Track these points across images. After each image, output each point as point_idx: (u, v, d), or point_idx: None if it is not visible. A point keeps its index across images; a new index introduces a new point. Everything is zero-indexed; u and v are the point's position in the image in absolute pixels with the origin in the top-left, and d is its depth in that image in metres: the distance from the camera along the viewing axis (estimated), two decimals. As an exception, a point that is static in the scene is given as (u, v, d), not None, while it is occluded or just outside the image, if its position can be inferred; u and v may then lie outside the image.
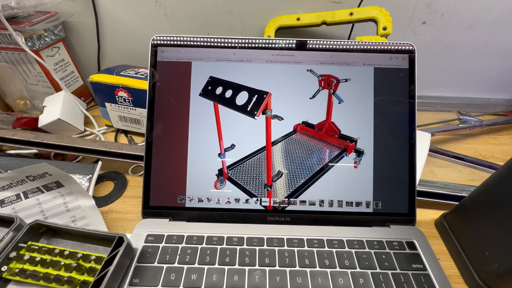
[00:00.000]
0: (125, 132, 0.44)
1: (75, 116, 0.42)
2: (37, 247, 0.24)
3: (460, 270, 0.27)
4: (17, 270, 0.22)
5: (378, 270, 0.26)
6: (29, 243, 0.24)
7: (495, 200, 0.25)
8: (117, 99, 0.38)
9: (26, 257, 0.23)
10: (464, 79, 0.47)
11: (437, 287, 0.25)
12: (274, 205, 0.30)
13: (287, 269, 0.26)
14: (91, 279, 0.22)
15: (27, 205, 0.27)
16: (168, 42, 0.31)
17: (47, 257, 0.23)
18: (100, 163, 0.34)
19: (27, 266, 0.23)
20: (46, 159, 0.36)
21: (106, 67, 0.44)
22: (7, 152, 0.33)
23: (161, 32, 0.43)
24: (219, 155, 0.31)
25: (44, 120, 0.38)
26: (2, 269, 0.23)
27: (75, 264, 0.23)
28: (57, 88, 0.43)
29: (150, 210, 0.30)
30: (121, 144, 0.35)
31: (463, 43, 0.43)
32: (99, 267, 0.23)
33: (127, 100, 0.38)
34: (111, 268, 0.22)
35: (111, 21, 0.43)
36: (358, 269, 0.26)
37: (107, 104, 0.40)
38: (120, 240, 0.24)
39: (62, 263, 0.23)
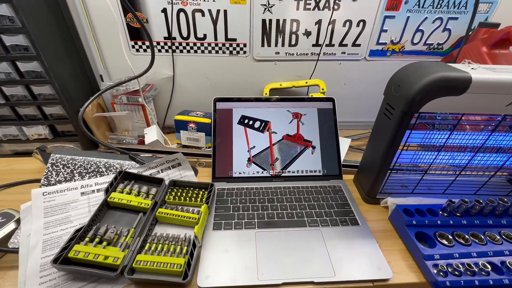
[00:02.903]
0: (187, 147, 0.76)
1: (161, 138, 0.74)
2: (174, 189, 0.55)
3: (360, 194, 0.60)
4: (171, 198, 0.53)
5: (323, 195, 0.59)
6: (170, 187, 0.55)
7: (364, 163, 0.59)
8: (189, 128, 0.72)
9: (173, 192, 0.54)
10: (372, 111, 0.85)
11: (348, 200, 0.58)
12: (275, 173, 0.63)
13: (284, 197, 0.58)
14: (204, 199, 0.53)
15: (162, 175, 0.59)
16: (221, 100, 0.66)
17: (181, 192, 0.54)
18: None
19: (175, 196, 0.54)
20: (153, 157, 0.68)
21: (173, 112, 0.78)
22: (140, 155, 0.65)
23: (207, 92, 0.79)
24: (248, 151, 0.64)
25: (148, 140, 0.71)
26: (166, 199, 0.53)
27: (195, 194, 0.54)
28: (148, 124, 0.77)
29: (216, 178, 0.62)
30: (194, 149, 0.68)
31: (366, 93, 0.82)
32: (205, 195, 0.54)
33: (194, 129, 0.72)
34: (211, 193, 0.54)
35: (180, 87, 0.78)
36: (314, 195, 0.58)
37: (181, 131, 0.73)
38: (212, 185, 0.56)
39: (189, 194, 0.54)
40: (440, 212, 0.51)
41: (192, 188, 0.56)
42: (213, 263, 0.44)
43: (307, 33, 0.72)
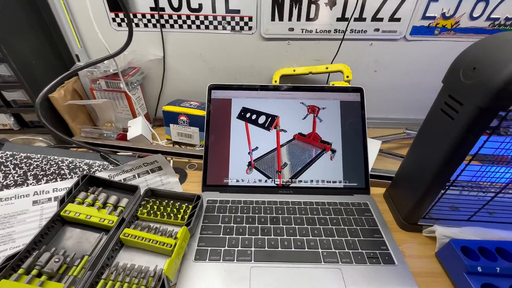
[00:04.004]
0: (179, 144, 0.64)
1: (147, 132, 0.62)
2: (151, 201, 0.43)
3: (394, 216, 0.46)
4: (145, 213, 0.41)
5: (344, 216, 0.44)
6: (145, 199, 0.43)
7: (403, 175, 0.44)
8: (179, 121, 0.59)
9: (149, 205, 0.42)
10: (409, 106, 0.69)
11: (378, 224, 0.43)
12: (282, 183, 0.50)
13: (292, 216, 0.44)
14: (186, 216, 0.41)
15: (139, 182, 0.47)
16: (217, 87, 0.53)
17: (159, 205, 0.42)
18: (172, 160, 0.54)
19: (150, 210, 0.42)
20: (134, 157, 0.56)
21: (165, 101, 0.66)
22: (117, 153, 0.53)
23: (205, 78, 0.66)
24: (248, 153, 0.51)
25: (130, 135, 0.59)
26: (139, 213, 0.41)
27: (176, 208, 0.42)
28: (134, 115, 0.65)
29: (207, 187, 0.49)
30: (183, 148, 0.55)
31: (403, 83, 0.65)
32: (188, 211, 0.41)
33: (185, 122, 0.59)
34: (197, 209, 0.41)
35: (173, 72, 0.65)
36: (333, 215, 0.44)
37: (171, 125, 0.61)
38: (198, 197, 0.43)
39: (169, 208, 0.42)
40: (517, 255, 0.35)
41: (173, 200, 0.44)
42: (188, 314, 0.31)
43: (331, 3, 0.56)
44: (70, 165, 0.47)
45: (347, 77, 0.59)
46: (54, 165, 0.46)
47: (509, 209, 0.42)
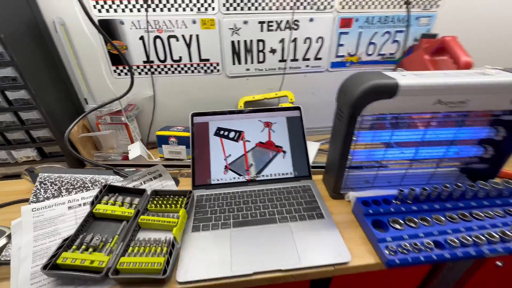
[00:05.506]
0: (170, 160, 0.82)
1: (144, 153, 0.80)
2: (156, 198, 0.60)
3: (327, 191, 0.67)
4: (153, 206, 0.58)
5: (294, 194, 0.64)
6: (152, 197, 0.60)
7: (328, 164, 0.66)
8: (170, 142, 0.78)
9: (155, 201, 0.59)
10: (341, 116, 0.93)
11: (315, 197, 0.64)
12: (250, 178, 0.69)
13: (258, 199, 0.63)
14: (183, 205, 0.58)
15: (145, 187, 0.64)
16: (198, 114, 0.72)
17: (162, 200, 0.59)
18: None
19: (156, 204, 0.59)
20: (135, 171, 0.72)
21: (156, 128, 0.84)
22: (124, 169, 0.70)
23: (186, 108, 0.85)
24: (224, 159, 0.70)
25: (131, 155, 0.76)
26: (148, 207, 0.58)
27: (175, 201, 0.59)
28: (132, 141, 0.82)
29: (195, 186, 0.67)
30: (175, 161, 0.73)
31: (331, 101, 0.90)
32: (184, 201, 0.59)
33: (175, 142, 0.78)
34: (190, 199, 0.59)
35: (161, 105, 0.85)
36: (286, 195, 0.64)
37: (163, 145, 0.79)
38: (190, 192, 0.61)
39: (170, 201, 0.59)
40: (394, 201, 0.57)
41: (172, 196, 0.61)
42: (191, 261, 0.49)
43: (273, 51, 0.80)
44: (91, 180, 0.63)
45: (291, 99, 0.82)
46: (80, 181, 0.62)
47: (397, 178, 0.65)
